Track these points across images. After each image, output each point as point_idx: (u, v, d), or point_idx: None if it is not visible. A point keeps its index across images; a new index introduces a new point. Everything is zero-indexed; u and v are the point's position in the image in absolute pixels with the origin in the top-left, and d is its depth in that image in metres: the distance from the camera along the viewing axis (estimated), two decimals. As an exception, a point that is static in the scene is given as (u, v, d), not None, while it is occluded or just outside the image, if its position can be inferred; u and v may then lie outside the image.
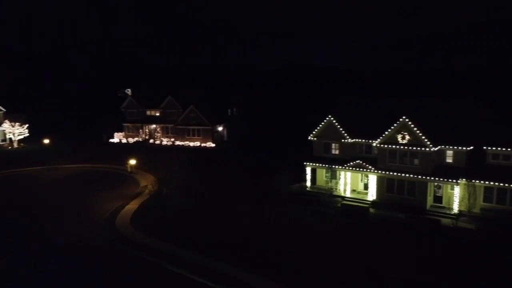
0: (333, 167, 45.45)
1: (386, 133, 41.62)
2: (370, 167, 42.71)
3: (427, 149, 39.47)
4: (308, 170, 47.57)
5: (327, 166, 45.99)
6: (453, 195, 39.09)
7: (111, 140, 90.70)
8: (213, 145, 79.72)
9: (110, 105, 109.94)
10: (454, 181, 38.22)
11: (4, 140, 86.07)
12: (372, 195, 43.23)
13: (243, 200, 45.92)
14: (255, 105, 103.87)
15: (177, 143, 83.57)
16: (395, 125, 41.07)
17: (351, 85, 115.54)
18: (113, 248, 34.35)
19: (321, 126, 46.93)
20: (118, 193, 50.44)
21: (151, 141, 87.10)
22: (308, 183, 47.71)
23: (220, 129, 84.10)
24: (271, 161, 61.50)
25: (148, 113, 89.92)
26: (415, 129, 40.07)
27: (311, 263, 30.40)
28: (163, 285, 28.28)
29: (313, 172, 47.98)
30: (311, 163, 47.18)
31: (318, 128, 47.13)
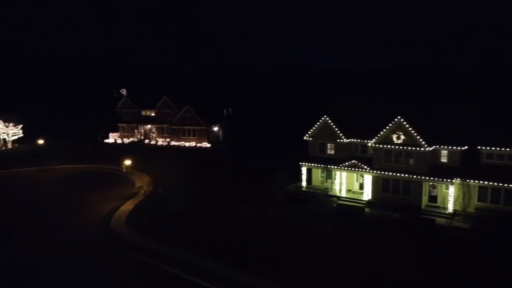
0: (328, 167, 45.55)
1: (381, 133, 41.76)
2: (365, 167, 42.84)
3: (422, 149, 39.64)
4: (303, 170, 47.64)
5: (322, 166, 46.09)
6: (447, 195, 39.30)
7: (106, 140, 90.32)
8: (209, 145, 79.64)
9: (105, 105, 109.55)
10: (448, 180, 38.42)
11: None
12: (367, 195, 43.36)
13: (239, 200, 45.93)
14: (251, 105, 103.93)
15: (173, 143, 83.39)
16: (390, 125, 41.22)
17: (347, 85, 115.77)
18: (109, 248, 34.26)
19: (316, 126, 47.00)
20: (113, 193, 50.27)
21: (147, 141, 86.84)
22: (303, 183, 47.78)
23: (215, 129, 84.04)
24: (267, 161, 61.58)
25: (143, 113, 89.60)
26: (410, 129, 40.24)
27: (307, 263, 30.45)
28: (158, 285, 28.22)
29: (309, 172, 48.06)
30: (307, 163, 47.26)
31: (313, 128, 47.19)
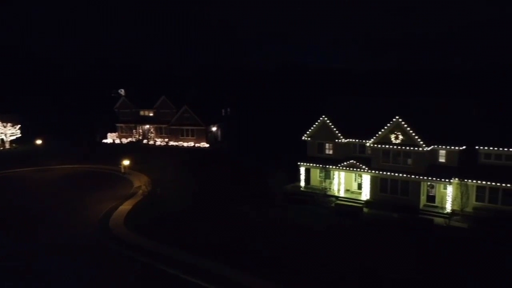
0: (327, 167, 45.59)
1: (379, 133, 41.82)
2: (363, 167, 42.89)
3: (420, 149, 39.71)
4: (302, 170, 47.67)
5: (321, 166, 46.12)
6: (446, 195, 39.37)
7: (105, 140, 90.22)
8: (207, 145, 79.62)
9: (103, 105, 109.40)
10: (447, 180, 38.49)
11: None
12: (365, 194, 43.41)
13: (238, 200, 45.93)
14: (249, 105, 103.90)
15: (171, 143, 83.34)
16: (388, 125, 41.27)
17: (345, 85, 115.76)
18: (107, 248, 34.24)
19: (315, 126, 47.03)
20: (111, 194, 50.23)
21: (145, 141, 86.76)
22: (302, 183, 47.80)
23: (214, 129, 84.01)
24: (265, 162, 61.53)
25: (141, 113, 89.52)
26: (408, 129, 40.30)
27: (306, 262, 30.46)
28: (157, 286, 28.21)
29: (307, 172, 48.09)
30: (305, 163, 47.29)
31: (312, 128, 47.23)
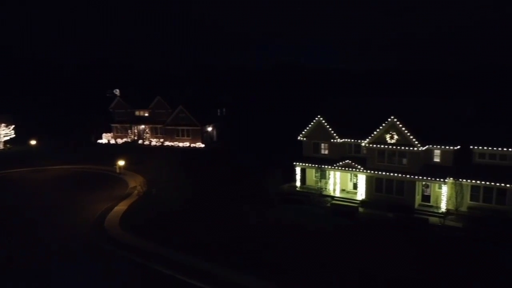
0: (322, 167, 45.68)
1: (374, 133, 41.95)
2: (359, 166, 43.01)
3: (415, 149, 39.88)
4: (297, 170, 47.73)
5: (316, 166, 46.21)
6: (440, 194, 39.57)
7: (99, 141, 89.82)
8: (203, 146, 79.50)
9: (98, 105, 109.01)
10: (441, 180, 38.68)
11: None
12: (361, 194, 43.54)
13: (233, 200, 45.91)
14: (245, 105, 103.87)
15: (166, 143, 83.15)
16: (383, 125, 41.42)
17: (341, 85, 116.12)
18: (102, 249, 34.11)
19: (310, 126, 47.11)
20: (107, 194, 50.04)
21: (140, 141, 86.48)
22: (298, 183, 47.86)
23: (209, 129, 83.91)
24: (261, 162, 61.57)
25: (136, 113, 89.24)
26: (403, 129, 40.47)
27: (301, 262, 30.51)
28: (153, 287, 28.15)
29: (303, 172, 48.15)
30: (301, 163, 47.35)
31: (307, 128, 47.30)
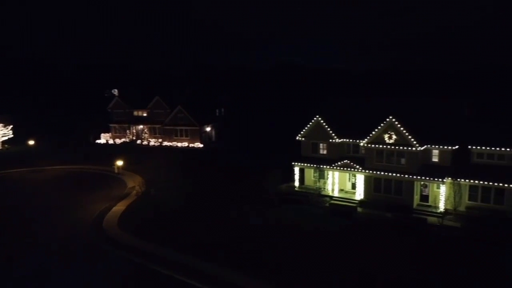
0: (321, 167, 45.68)
1: (373, 133, 41.98)
2: (357, 166, 43.03)
3: (414, 149, 39.92)
4: (296, 170, 47.73)
5: (315, 166, 46.21)
6: (439, 194, 39.61)
7: (98, 141, 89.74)
8: (201, 146, 79.48)
9: (96, 105, 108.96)
10: (440, 180, 38.72)
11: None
12: (359, 194, 43.55)
13: (231, 200, 45.90)
14: (244, 105, 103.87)
15: (165, 143, 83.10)
16: (382, 125, 41.44)
17: (340, 85, 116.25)
18: (100, 249, 34.06)
19: (309, 126, 47.12)
20: (105, 194, 49.98)
21: (139, 141, 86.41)
22: (296, 183, 47.86)
23: (208, 129, 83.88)
24: (260, 161, 61.58)
25: (135, 113, 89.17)
26: (402, 129, 40.50)
27: (300, 262, 30.51)
28: (150, 287, 28.12)
29: (301, 172, 48.16)
30: (299, 163, 47.35)
31: (306, 128, 47.31)
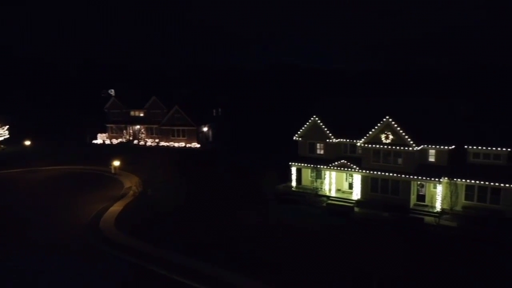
0: (318, 167, 45.73)
1: (370, 133, 42.07)
2: (354, 166, 43.11)
3: (410, 149, 40.03)
4: (293, 170, 47.76)
5: (312, 166, 46.26)
6: (435, 194, 39.74)
7: (94, 141, 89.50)
8: (198, 146, 79.42)
9: (93, 105, 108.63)
10: (436, 180, 38.85)
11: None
12: (356, 194, 43.63)
13: (229, 200, 45.88)
14: (241, 105, 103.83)
15: (162, 143, 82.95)
16: (378, 125, 41.53)
17: (336, 85, 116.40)
18: (97, 249, 33.97)
19: (306, 126, 47.17)
20: (102, 194, 49.86)
21: (135, 142, 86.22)
22: (293, 183, 47.90)
23: (205, 129, 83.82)
24: (257, 162, 61.59)
25: (132, 113, 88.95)
26: (398, 128, 40.61)
27: (297, 262, 30.54)
28: (147, 287, 28.07)
29: (299, 172, 48.18)
30: (296, 163, 47.39)
31: (303, 128, 47.35)
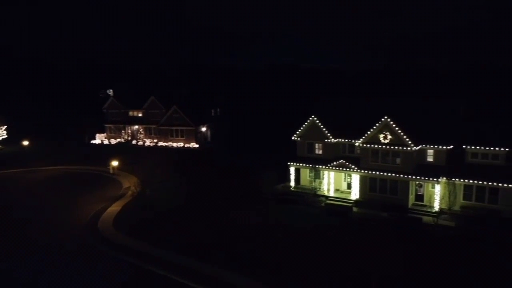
0: (316, 167, 45.76)
1: (368, 133, 42.10)
2: (353, 166, 43.14)
3: (409, 149, 40.08)
4: (292, 170, 47.77)
5: (310, 166, 46.27)
6: (434, 194, 39.79)
7: (93, 141, 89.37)
8: (197, 146, 79.37)
9: (91, 106, 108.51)
10: (435, 179, 38.91)
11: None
12: (355, 194, 43.67)
13: (227, 200, 45.87)
14: (239, 105, 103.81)
15: (160, 144, 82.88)
16: (377, 125, 41.58)
17: (335, 85, 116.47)
18: (95, 249, 33.93)
19: (304, 126, 47.18)
20: (100, 195, 49.80)
21: (134, 142, 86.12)
22: (292, 183, 47.91)
23: (203, 129, 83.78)
24: (255, 162, 61.58)
25: (130, 113, 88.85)
26: (397, 128, 40.65)
27: (296, 262, 30.55)
28: (146, 287, 28.05)
29: (297, 172, 48.20)
30: (295, 163, 47.40)
31: (301, 128, 47.36)
